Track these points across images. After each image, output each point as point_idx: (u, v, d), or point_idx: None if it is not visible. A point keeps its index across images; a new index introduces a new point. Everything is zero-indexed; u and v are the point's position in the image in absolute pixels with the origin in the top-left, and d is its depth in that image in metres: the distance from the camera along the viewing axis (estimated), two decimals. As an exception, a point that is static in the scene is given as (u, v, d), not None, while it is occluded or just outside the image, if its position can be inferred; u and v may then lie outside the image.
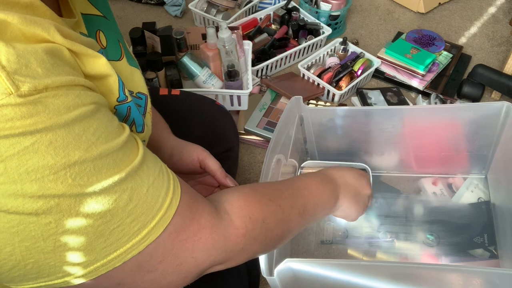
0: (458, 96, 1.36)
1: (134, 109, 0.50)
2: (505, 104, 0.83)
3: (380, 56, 1.41)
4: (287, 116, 0.85)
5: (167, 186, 0.45)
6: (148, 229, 0.42)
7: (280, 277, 0.65)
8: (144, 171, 0.43)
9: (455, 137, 0.94)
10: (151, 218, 0.43)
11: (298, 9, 1.51)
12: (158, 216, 0.43)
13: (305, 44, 1.42)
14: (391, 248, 0.98)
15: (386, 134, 0.94)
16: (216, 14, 1.51)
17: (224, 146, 0.87)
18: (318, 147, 1.02)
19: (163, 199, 0.44)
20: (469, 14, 1.70)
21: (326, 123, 0.95)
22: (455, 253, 0.95)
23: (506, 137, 0.87)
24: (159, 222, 0.43)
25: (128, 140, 0.43)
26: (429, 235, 0.99)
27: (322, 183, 0.70)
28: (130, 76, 0.56)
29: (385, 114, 0.92)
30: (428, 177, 1.04)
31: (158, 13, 1.68)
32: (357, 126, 0.94)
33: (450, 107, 0.94)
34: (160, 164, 0.46)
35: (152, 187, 0.43)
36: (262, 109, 1.27)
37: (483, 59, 1.50)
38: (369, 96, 1.31)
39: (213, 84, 1.15)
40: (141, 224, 0.42)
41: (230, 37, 1.12)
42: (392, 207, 1.02)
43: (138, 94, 0.56)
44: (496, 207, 0.95)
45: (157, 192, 0.43)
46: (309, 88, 1.34)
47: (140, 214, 0.42)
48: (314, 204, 0.65)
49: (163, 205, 0.44)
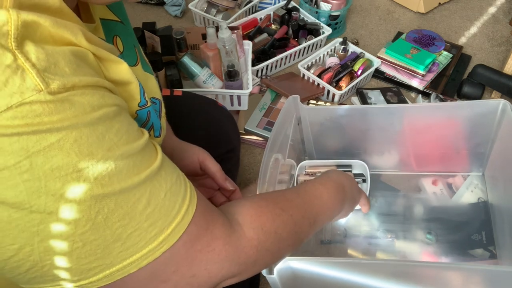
0: (458, 96, 1.36)
1: (153, 114, 0.51)
2: (502, 102, 0.84)
3: (380, 56, 1.41)
4: (284, 116, 0.85)
5: (184, 193, 0.45)
6: (164, 235, 0.42)
7: (280, 276, 0.65)
8: (162, 176, 0.43)
9: (453, 135, 0.94)
10: (168, 224, 0.42)
11: (298, 9, 1.52)
12: (174, 222, 0.42)
13: (305, 44, 1.43)
14: (391, 247, 0.98)
15: (384, 133, 0.95)
16: (216, 14, 1.51)
17: (226, 147, 0.87)
18: (316, 146, 1.02)
19: (179, 205, 0.43)
20: (469, 14, 1.70)
21: (323, 122, 0.95)
22: (455, 253, 0.95)
23: (503, 134, 0.87)
24: (176, 229, 0.43)
25: (147, 145, 0.43)
26: (428, 234, 0.99)
27: (336, 192, 0.68)
28: (144, 82, 0.56)
29: (382, 112, 0.92)
30: (427, 176, 1.04)
31: (158, 13, 1.69)
32: (355, 125, 0.94)
33: (447, 105, 0.94)
34: (177, 171, 0.46)
35: (170, 193, 0.43)
36: (262, 109, 1.27)
37: (483, 59, 1.50)
38: (369, 96, 1.32)
39: (213, 84, 1.15)
40: (158, 230, 0.41)
41: (230, 37, 1.12)
42: (392, 206, 1.02)
43: (152, 99, 0.56)
44: (494, 206, 0.95)
45: (174, 198, 0.43)
46: (309, 88, 1.34)
47: (158, 219, 0.41)
48: (324, 214, 0.64)
49: (180, 211, 0.43)
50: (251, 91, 1.18)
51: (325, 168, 1.02)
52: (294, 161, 0.99)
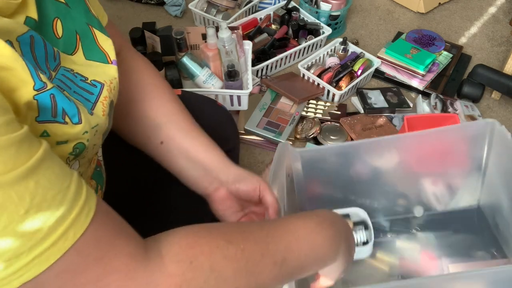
0: (458, 96, 1.36)
1: (61, 97, 0.42)
2: (489, 122, 0.83)
3: (380, 56, 1.41)
4: (277, 164, 0.79)
5: (69, 206, 0.35)
6: (23, 263, 0.33)
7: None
8: (41, 172, 0.35)
9: (446, 159, 0.92)
10: (31, 247, 0.33)
11: (298, 9, 1.52)
12: (44, 244, 0.34)
13: (305, 44, 1.43)
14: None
15: (377, 170, 0.91)
16: (216, 14, 1.51)
17: (225, 147, 0.86)
18: (309, 195, 0.95)
19: (58, 221, 0.34)
20: (469, 14, 1.70)
21: (314, 167, 0.89)
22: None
23: (496, 152, 0.86)
24: (43, 255, 0.34)
25: (28, 139, 0.35)
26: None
27: (319, 227, 0.52)
28: (85, 68, 0.50)
29: (373, 146, 0.89)
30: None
31: (158, 13, 1.68)
32: (346, 165, 0.90)
33: (436, 131, 0.88)
34: (72, 179, 0.37)
35: (45, 195, 0.34)
36: (262, 109, 1.27)
37: (483, 59, 1.50)
38: (369, 96, 1.31)
39: (213, 84, 1.15)
40: (13, 253, 0.33)
41: (230, 37, 1.12)
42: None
43: (92, 81, 0.50)
44: (494, 214, 0.94)
45: (49, 209, 0.34)
46: (309, 88, 1.34)
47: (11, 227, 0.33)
48: (301, 253, 0.49)
49: (56, 230, 0.34)
50: (251, 91, 1.18)
51: None
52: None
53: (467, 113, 1.26)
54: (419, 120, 1.13)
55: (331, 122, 1.27)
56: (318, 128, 1.23)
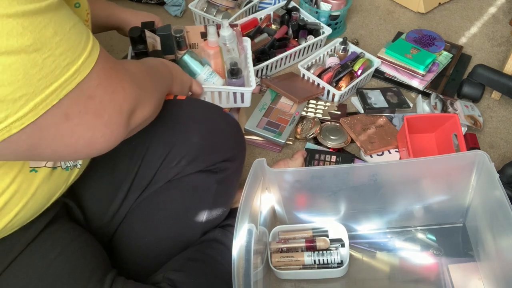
0: (458, 96, 1.36)
1: None
2: (477, 153, 0.83)
3: (380, 56, 1.41)
4: (251, 182, 0.82)
5: (87, 35, 0.49)
6: (76, 66, 0.46)
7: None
8: (63, 13, 0.46)
9: (431, 189, 0.93)
10: (78, 56, 0.47)
11: (298, 9, 1.52)
12: (83, 56, 0.47)
13: (305, 44, 1.42)
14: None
15: (358, 192, 0.92)
16: (216, 14, 1.51)
17: (222, 155, 0.82)
18: (287, 210, 0.97)
19: (85, 43, 0.48)
20: (469, 14, 1.70)
21: (293, 184, 0.90)
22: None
23: (481, 184, 0.87)
24: (85, 62, 0.47)
25: None
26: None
27: (164, 63, 0.84)
28: None
29: (355, 171, 0.90)
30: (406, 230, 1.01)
31: (158, 13, 1.68)
32: (326, 186, 0.91)
33: (422, 160, 0.88)
34: (79, 19, 0.49)
35: (74, 29, 0.47)
36: (262, 109, 1.27)
37: (483, 59, 1.50)
38: (369, 96, 1.31)
39: (214, 82, 1.14)
40: (70, 60, 0.46)
41: (231, 35, 1.12)
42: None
43: None
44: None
45: (79, 35, 0.47)
46: (309, 88, 1.34)
47: (67, 49, 0.45)
48: (159, 72, 0.78)
49: (86, 48, 0.48)
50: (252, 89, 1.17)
51: (299, 233, 0.98)
52: (265, 228, 0.95)
53: (467, 113, 1.26)
54: (419, 120, 1.13)
55: (331, 122, 1.27)
56: (318, 128, 1.23)
